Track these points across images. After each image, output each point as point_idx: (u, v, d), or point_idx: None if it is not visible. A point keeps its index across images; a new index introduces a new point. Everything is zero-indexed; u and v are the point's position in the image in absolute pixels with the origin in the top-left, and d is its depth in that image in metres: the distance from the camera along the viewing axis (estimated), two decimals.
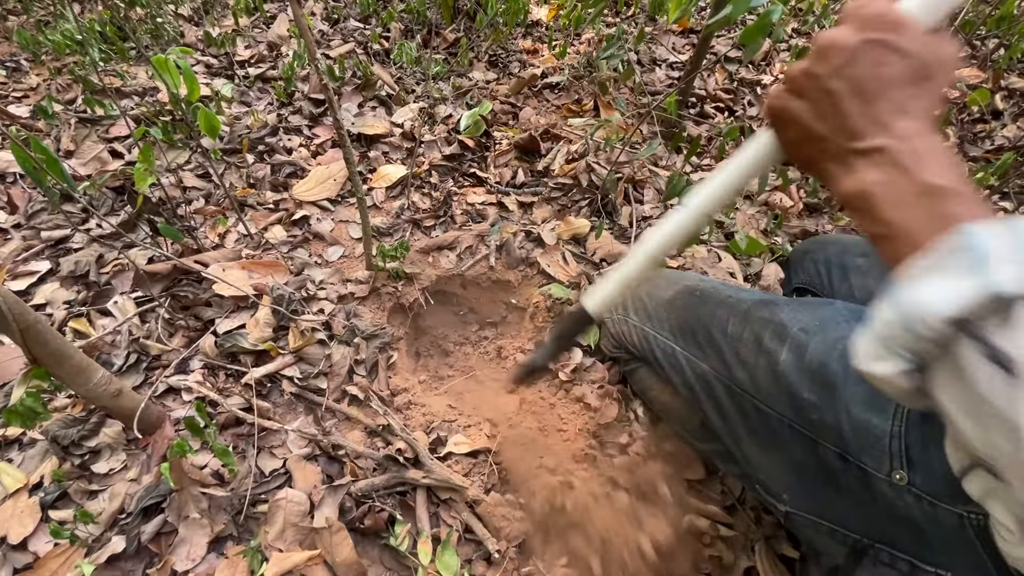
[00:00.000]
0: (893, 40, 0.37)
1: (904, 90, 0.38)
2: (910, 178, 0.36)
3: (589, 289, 0.63)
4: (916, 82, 0.38)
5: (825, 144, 0.40)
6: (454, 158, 1.49)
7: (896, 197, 0.36)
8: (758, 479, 0.72)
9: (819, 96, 0.40)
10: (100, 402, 0.81)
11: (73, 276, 1.12)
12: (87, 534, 0.77)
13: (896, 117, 0.37)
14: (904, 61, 0.37)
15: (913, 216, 0.35)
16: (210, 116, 1.00)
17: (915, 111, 0.38)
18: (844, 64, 0.38)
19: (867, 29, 0.38)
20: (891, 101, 0.38)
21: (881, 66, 0.38)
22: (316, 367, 1.00)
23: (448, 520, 0.81)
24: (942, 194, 0.35)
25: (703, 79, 1.99)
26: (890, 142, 0.37)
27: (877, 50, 0.38)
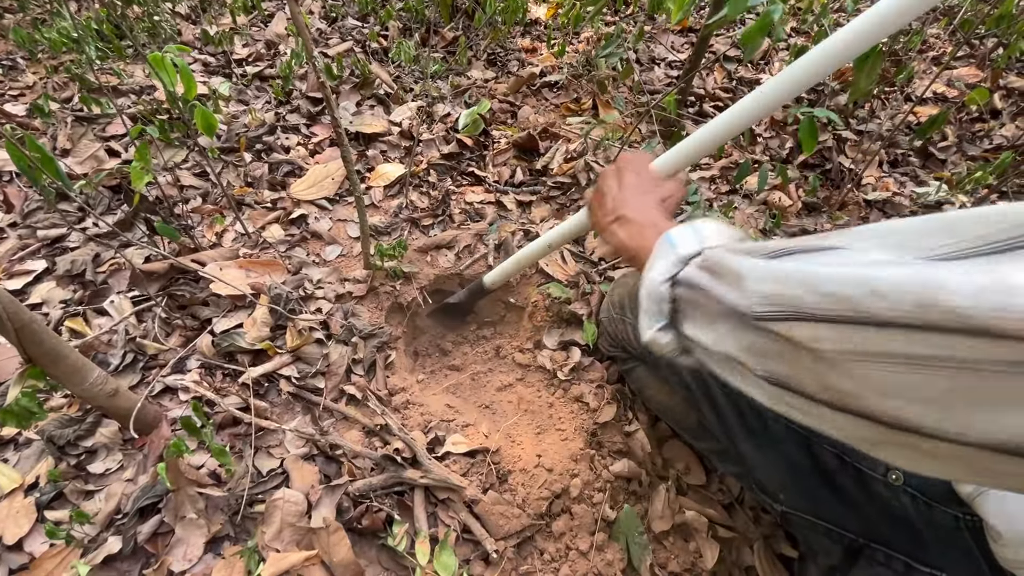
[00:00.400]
0: (631, 170, 0.70)
1: (636, 191, 0.68)
2: (639, 224, 0.62)
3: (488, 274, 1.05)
4: (643, 191, 0.68)
5: (600, 220, 0.68)
6: (452, 157, 1.48)
7: (635, 234, 0.61)
8: (755, 478, 0.72)
9: (598, 197, 0.71)
10: (96, 402, 0.81)
11: (69, 275, 1.12)
12: (83, 534, 0.76)
13: (631, 201, 0.66)
14: (636, 178, 0.69)
15: (643, 241, 0.58)
16: (207, 114, 1.00)
17: (641, 199, 0.66)
18: (608, 180, 0.71)
19: (621, 164, 0.72)
20: (628, 195, 0.67)
21: (623, 180, 0.69)
22: (314, 366, 0.99)
23: (446, 520, 0.81)
24: (659, 224, 0.59)
25: (702, 78, 1.99)
26: (627, 211, 0.65)
27: (623, 173, 0.70)
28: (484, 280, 1.05)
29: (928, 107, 1.84)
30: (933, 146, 1.68)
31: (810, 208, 1.46)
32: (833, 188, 1.54)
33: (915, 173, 1.63)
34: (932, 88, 1.88)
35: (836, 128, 1.70)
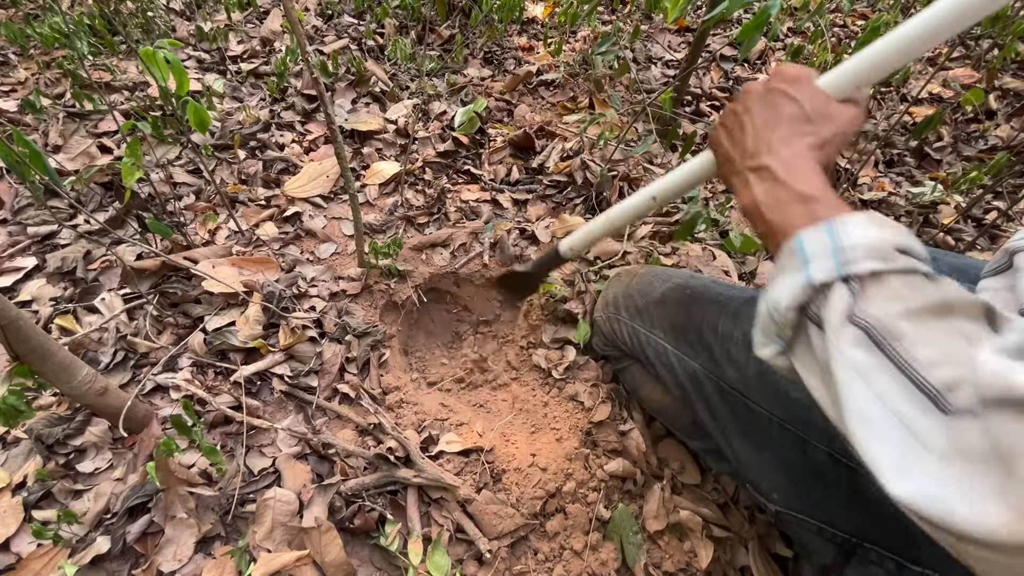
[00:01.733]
0: (790, 91, 0.50)
1: (791, 127, 0.49)
2: (785, 188, 0.46)
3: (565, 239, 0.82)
4: (802, 123, 0.49)
5: (732, 163, 0.53)
6: (448, 155, 1.48)
7: (774, 203, 0.47)
8: (749, 478, 0.72)
9: (733, 126, 0.54)
10: (85, 400, 0.80)
11: (60, 272, 1.11)
12: (71, 534, 0.76)
13: (781, 145, 0.49)
14: (794, 106, 0.50)
15: (785, 217, 0.45)
16: (200, 110, 0.99)
17: (797, 142, 0.49)
18: (752, 103, 0.52)
19: (775, 81, 0.52)
20: (779, 133, 0.49)
21: (776, 107, 0.50)
22: (307, 365, 0.99)
23: (439, 519, 0.81)
24: (809, 199, 0.45)
25: (698, 77, 1.99)
26: (773, 162, 0.48)
27: (776, 96, 0.51)
28: (559, 247, 0.82)
29: (924, 107, 1.84)
30: (929, 146, 1.69)
31: None
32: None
33: (910, 173, 1.63)
34: (928, 88, 1.89)
35: None
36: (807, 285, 0.40)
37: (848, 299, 0.38)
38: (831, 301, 0.39)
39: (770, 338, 0.45)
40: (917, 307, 0.36)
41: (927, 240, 1.38)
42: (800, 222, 0.44)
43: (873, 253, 0.39)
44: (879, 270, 0.38)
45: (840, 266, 0.39)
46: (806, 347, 0.42)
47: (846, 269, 0.39)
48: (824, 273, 0.39)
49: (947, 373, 0.33)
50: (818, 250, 0.41)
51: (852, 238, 0.40)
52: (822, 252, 0.40)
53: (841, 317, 0.38)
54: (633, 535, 0.83)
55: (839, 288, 0.39)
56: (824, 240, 0.41)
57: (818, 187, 0.46)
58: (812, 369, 0.42)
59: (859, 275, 0.38)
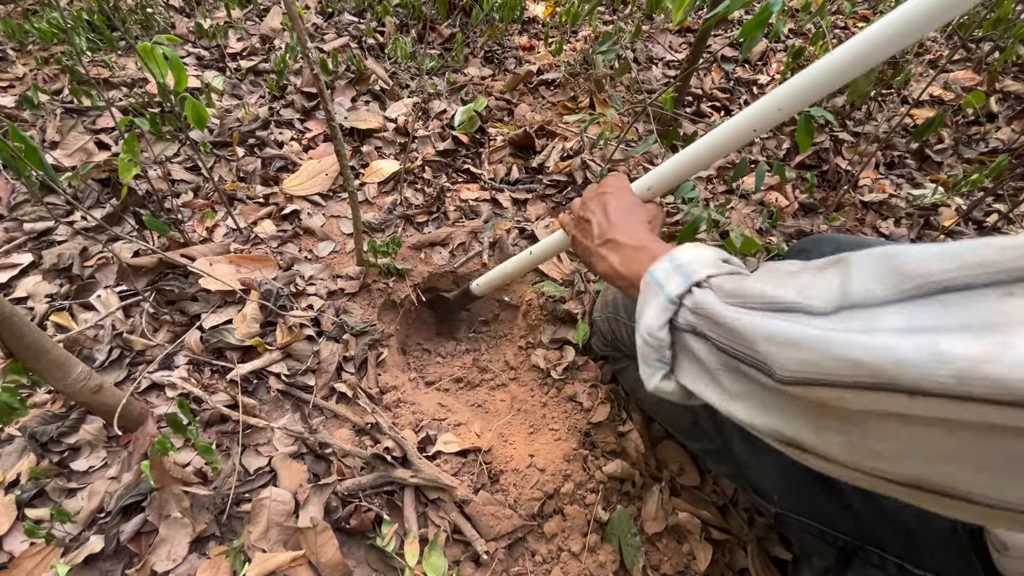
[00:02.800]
0: (613, 193, 0.69)
1: (621, 212, 0.66)
2: (628, 247, 0.60)
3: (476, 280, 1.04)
4: (628, 212, 0.66)
5: (589, 248, 0.66)
6: (448, 154, 1.47)
7: (625, 260, 0.59)
8: (748, 480, 0.71)
9: (583, 227, 0.69)
10: (79, 398, 0.79)
11: (56, 269, 1.10)
12: (64, 533, 0.75)
13: (618, 222, 0.64)
14: (618, 199, 0.68)
15: (636, 267, 0.56)
16: (198, 107, 0.98)
17: (629, 218, 0.65)
18: (591, 208, 0.69)
19: (601, 187, 0.72)
20: (614, 217, 0.65)
21: (607, 204, 0.68)
22: (304, 364, 0.98)
23: (436, 520, 0.80)
24: (646, 247, 0.57)
25: (699, 78, 1.98)
26: (615, 235, 0.63)
27: (605, 198, 0.69)
28: (471, 286, 1.05)
29: (924, 110, 1.84)
30: (929, 148, 1.69)
31: (807, 209, 1.45)
32: (829, 189, 1.54)
33: (911, 175, 1.63)
34: (929, 91, 1.88)
35: (833, 129, 1.70)
36: (668, 302, 0.46)
37: (707, 294, 0.44)
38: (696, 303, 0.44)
39: (653, 366, 0.48)
40: None
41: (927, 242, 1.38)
42: (647, 263, 0.52)
43: (706, 265, 0.48)
44: (714, 273, 0.46)
45: (686, 279, 0.46)
46: (688, 357, 0.46)
47: (692, 279, 0.46)
48: (677, 287, 0.46)
49: None
50: (666, 275, 0.48)
51: (687, 258, 0.49)
52: (670, 275, 0.48)
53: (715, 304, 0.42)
54: (631, 537, 0.82)
55: (694, 292, 0.45)
56: (668, 266, 0.49)
57: (651, 238, 0.61)
58: (698, 375, 0.45)
59: (699, 281, 0.46)
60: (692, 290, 0.45)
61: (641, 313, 0.49)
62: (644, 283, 0.50)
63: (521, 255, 0.92)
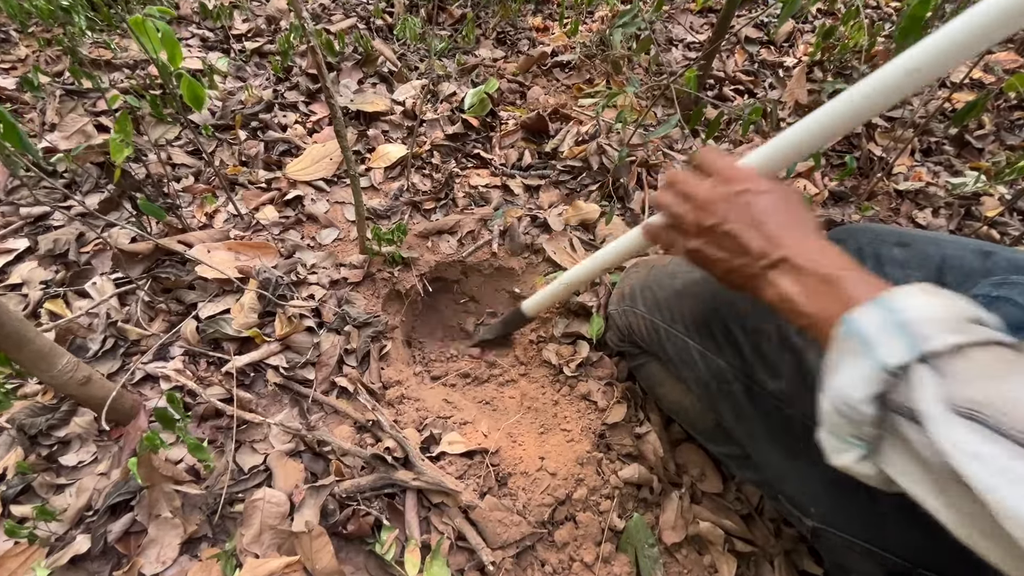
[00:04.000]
0: (753, 187, 0.51)
1: (778, 216, 0.49)
2: (811, 274, 0.44)
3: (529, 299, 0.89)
4: (783, 209, 0.49)
5: (744, 270, 0.50)
6: (457, 138, 1.41)
7: (806, 292, 0.44)
8: (782, 489, 0.65)
9: (723, 239, 0.51)
10: (66, 390, 0.75)
11: (52, 255, 1.06)
12: (48, 532, 0.71)
13: (783, 234, 0.48)
14: (770, 198, 0.50)
15: (824, 304, 0.42)
16: (194, 85, 0.93)
17: (793, 226, 0.48)
18: (725, 213, 0.51)
19: (731, 183, 0.52)
20: (774, 225, 0.48)
21: (751, 206, 0.50)
22: (303, 356, 0.93)
23: (439, 526, 0.75)
24: (839, 279, 0.42)
25: (722, 60, 1.89)
26: (787, 252, 0.46)
27: (746, 196, 0.50)
28: (523, 307, 0.90)
29: (964, 93, 1.73)
30: (969, 134, 1.58)
31: (837, 197, 1.37)
32: (861, 177, 1.44)
33: (949, 162, 1.53)
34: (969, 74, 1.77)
35: None
36: (880, 371, 0.35)
37: (937, 382, 0.32)
38: (915, 386, 0.33)
39: (845, 441, 0.38)
40: None
41: (969, 233, 1.29)
42: (842, 304, 0.40)
43: (946, 326, 0.34)
44: (961, 344, 0.33)
45: (914, 344, 0.34)
46: (901, 448, 0.35)
47: (922, 347, 0.34)
48: (897, 354, 0.34)
49: None
50: (878, 330, 0.36)
51: (915, 311, 0.36)
52: (884, 332, 0.36)
53: (939, 405, 0.32)
54: (649, 547, 0.76)
55: (919, 370, 0.33)
56: (881, 318, 0.36)
57: (842, 262, 0.45)
58: (914, 473, 0.35)
59: (938, 352, 0.33)
60: (918, 365, 0.34)
61: (833, 371, 0.39)
62: (840, 333, 0.39)
63: (587, 262, 0.78)
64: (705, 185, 0.53)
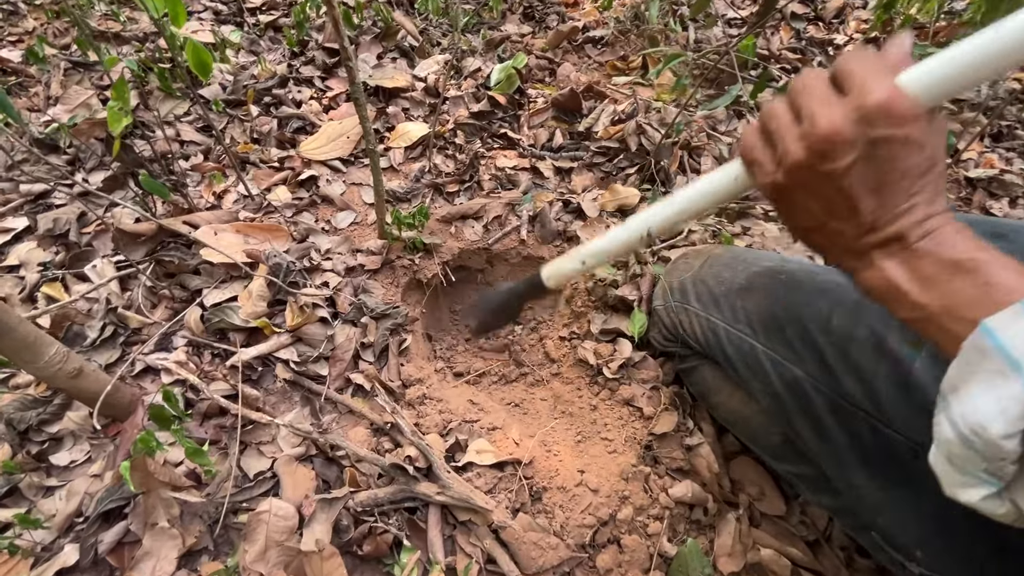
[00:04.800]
0: (903, 135, 0.34)
1: (915, 180, 0.36)
2: (934, 259, 0.35)
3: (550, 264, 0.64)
4: (926, 171, 0.36)
5: (839, 238, 0.39)
6: (483, 116, 1.31)
7: (924, 280, 0.35)
8: (873, 523, 0.55)
9: (831, 193, 0.37)
10: (55, 383, 0.68)
11: (51, 235, 0.99)
12: (31, 542, 0.64)
13: (910, 205, 0.36)
14: (916, 155, 0.35)
15: (946, 293, 0.34)
16: (199, 50, 0.84)
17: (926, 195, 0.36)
18: (855, 162, 0.35)
19: (875, 125, 0.34)
20: (904, 192, 0.36)
21: (893, 161, 0.35)
22: (316, 350, 0.85)
23: (466, 547, 0.66)
24: (974, 269, 0.33)
25: (766, 38, 1.75)
26: (906, 229, 0.36)
27: (888, 147, 0.35)
28: (542, 274, 0.64)
29: None
30: None
31: None
32: None
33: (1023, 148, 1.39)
34: None
35: None
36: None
37: None
38: None
39: (973, 475, 0.31)
40: None
41: None
42: (977, 304, 0.32)
43: None
44: None
45: None
46: None
47: None
48: None
49: None
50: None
51: None
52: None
53: None
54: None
55: None
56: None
57: (978, 248, 0.34)
58: None
59: None
60: None
61: (960, 391, 0.31)
62: (974, 344, 0.30)
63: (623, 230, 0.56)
64: (838, 109, 0.35)
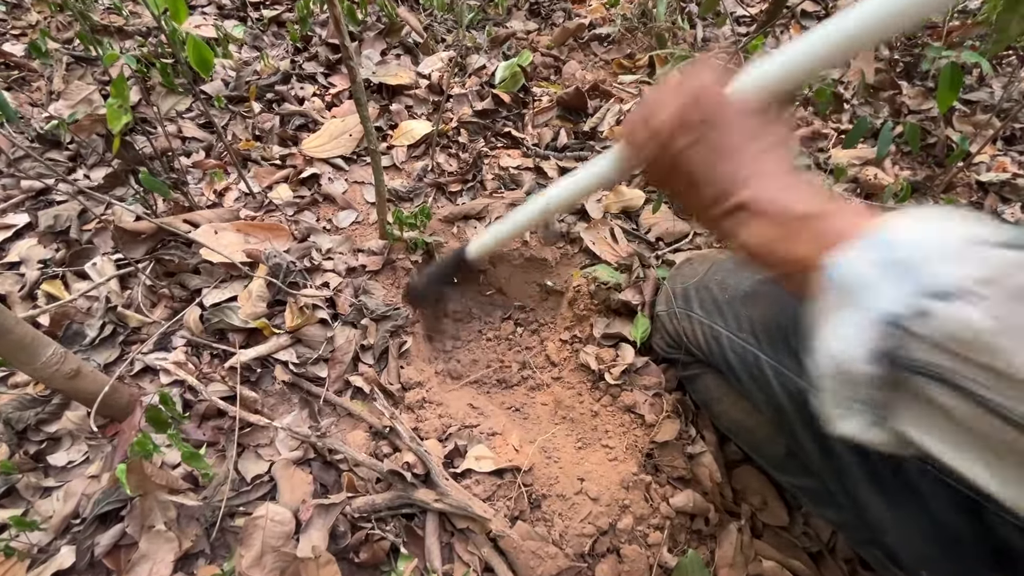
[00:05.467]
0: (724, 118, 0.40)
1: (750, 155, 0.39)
2: (780, 216, 0.37)
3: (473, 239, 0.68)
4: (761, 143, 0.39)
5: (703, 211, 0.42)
6: (487, 115, 1.29)
7: (776, 237, 0.37)
8: (879, 541, 0.54)
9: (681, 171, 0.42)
10: (52, 384, 0.68)
11: (52, 232, 0.99)
12: (28, 543, 0.64)
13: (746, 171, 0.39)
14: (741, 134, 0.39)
15: (801, 249, 0.35)
16: (200, 46, 0.84)
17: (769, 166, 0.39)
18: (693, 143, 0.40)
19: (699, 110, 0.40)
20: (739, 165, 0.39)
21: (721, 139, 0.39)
22: (316, 351, 0.84)
23: (464, 556, 0.66)
24: (816, 217, 0.35)
25: (775, 37, 1.72)
26: (749, 193, 0.38)
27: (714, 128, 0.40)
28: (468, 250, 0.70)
29: None
30: None
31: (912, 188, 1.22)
32: (937, 166, 1.29)
33: None
34: None
35: None
36: (882, 323, 0.28)
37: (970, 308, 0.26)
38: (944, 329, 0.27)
39: (849, 407, 0.32)
40: None
41: None
42: (822, 243, 0.33)
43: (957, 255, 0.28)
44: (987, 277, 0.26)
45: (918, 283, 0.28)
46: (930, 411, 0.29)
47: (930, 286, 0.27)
48: (900, 298, 0.28)
49: None
50: (876, 271, 0.29)
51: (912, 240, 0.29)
52: (882, 272, 0.29)
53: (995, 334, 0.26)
54: None
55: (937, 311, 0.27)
56: (874, 255, 0.30)
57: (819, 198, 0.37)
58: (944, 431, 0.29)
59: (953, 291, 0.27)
60: (932, 307, 0.27)
61: (822, 327, 0.33)
62: (824, 281, 0.32)
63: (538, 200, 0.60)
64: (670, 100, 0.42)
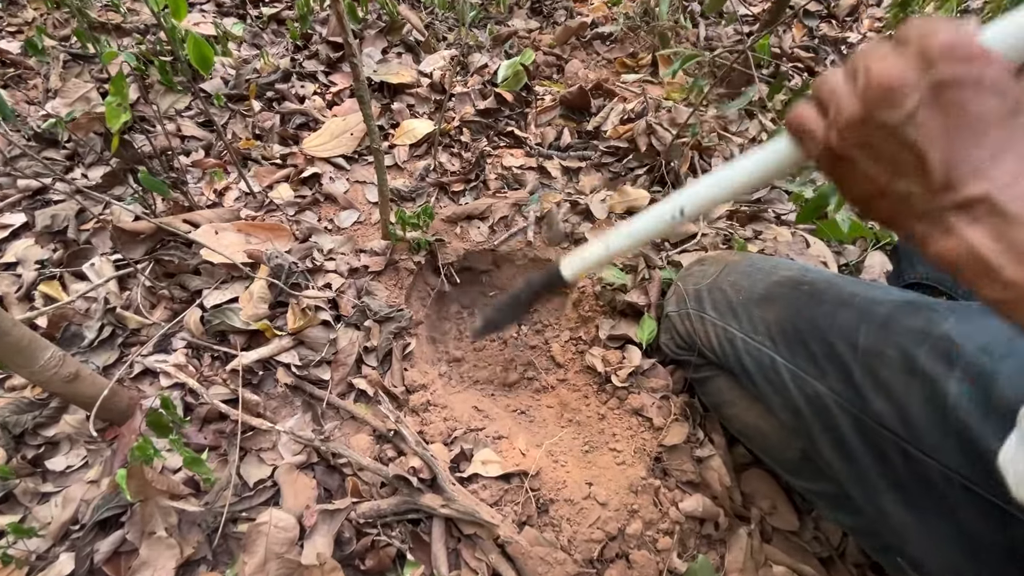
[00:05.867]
0: (974, 76, 0.30)
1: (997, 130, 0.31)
2: None
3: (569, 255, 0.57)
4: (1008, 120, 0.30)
5: (908, 202, 0.34)
6: (489, 114, 1.28)
7: (1015, 252, 0.30)
8: (899, 548, 0.53)
9: (893, 148, 0.33)
10: (50, 387, 0.66)
11: (49, 232, 0.98)
12: (25, 551, 0.62)
13: (994, 160, 0.31)
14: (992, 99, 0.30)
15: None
16: (200, 43, 0.82)
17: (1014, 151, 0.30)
18: (918, 108, 0.31)
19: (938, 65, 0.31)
20: (984, 144, 0.31)
21: (964, 106, 0.30)
22: (318, 353, 0.83)
23: (471, 562, 0.65)
24: None
25: (778, 36, 1.72)
26: (992, 189, 0.30)
27: (956, 90, 0.30)
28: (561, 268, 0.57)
29: None
30: None
31: None
32: None
33: None
34: None
35: None
36: None
37: None
38: None
39: None
40: None
41: None
42: None
43: None
44: None
45: None
46: None
47: None
48: None
49: None
50: None
51: None
52: None
53: None
54: None
55: None
56: None
57: None
58: None
59: None
60: None
61: None
62: None
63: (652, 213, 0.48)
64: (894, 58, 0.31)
